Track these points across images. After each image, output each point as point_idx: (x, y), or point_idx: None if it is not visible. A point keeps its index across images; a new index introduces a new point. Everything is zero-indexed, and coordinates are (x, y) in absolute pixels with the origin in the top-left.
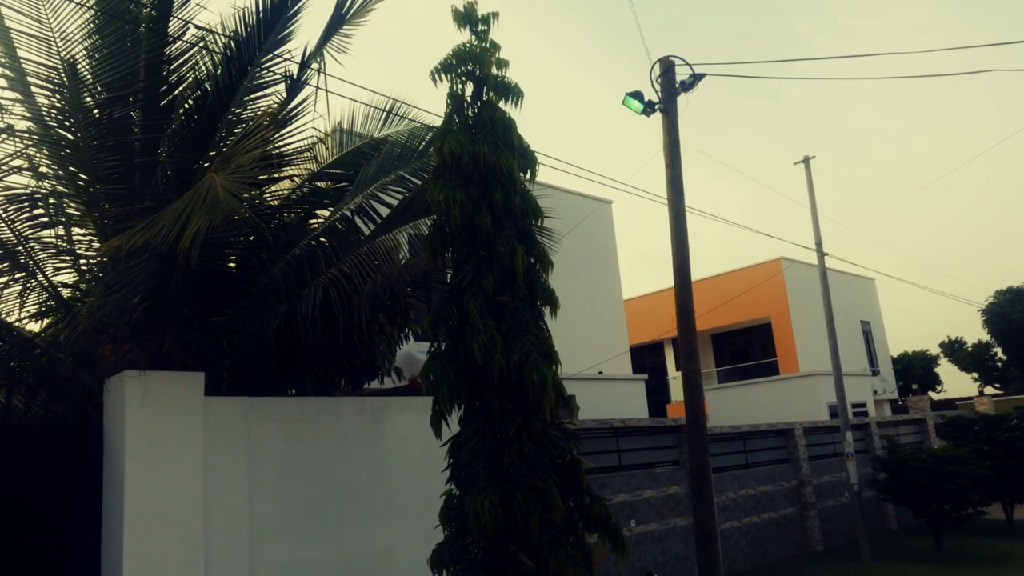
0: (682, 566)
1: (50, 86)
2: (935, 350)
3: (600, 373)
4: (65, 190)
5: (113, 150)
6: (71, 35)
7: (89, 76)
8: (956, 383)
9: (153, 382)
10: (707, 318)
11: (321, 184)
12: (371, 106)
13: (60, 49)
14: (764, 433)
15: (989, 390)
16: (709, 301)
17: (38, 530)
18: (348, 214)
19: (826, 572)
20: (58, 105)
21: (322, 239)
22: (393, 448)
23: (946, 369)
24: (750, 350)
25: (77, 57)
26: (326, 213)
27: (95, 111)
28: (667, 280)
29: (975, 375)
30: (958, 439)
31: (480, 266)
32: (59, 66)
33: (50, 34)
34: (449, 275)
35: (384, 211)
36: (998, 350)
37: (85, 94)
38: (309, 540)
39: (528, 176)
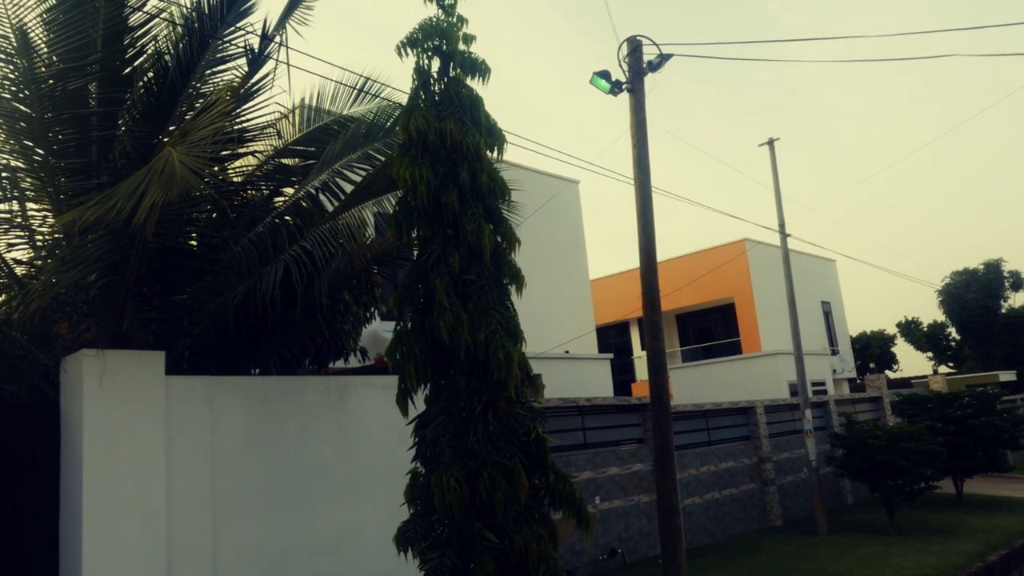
0: (645, 541)
1: (1, 55)
2: (892, 330)
3: (566, 352)
4: (18, 163)
5: (69, 123)
6: (24, 1)
7: (44, 46)
8: (912, 362)
9: (112, 361)
10: (672, 298)
11: (286, 161)
12: (339, 83)
13: (12, 16)
14: (726, 411)
15: (943, 369)
16: (674, 281)
17: None
18: (313, 191)
19: (784, 546)
20: (10, 75)
21: (286, 217)
22: (358, 427)
23: (902, 348)
24: (714, 330)
25: (30, 25)
26: (291, 190)
27: (50, 82)
28: (634, 259)
29: (930, 354)
30: (913, 416)
31: (446, 244)
32: (10, 34)
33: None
34: (415, 253)
35: (350, 188)
36: (952, 330)
37: (39, 64)
38: (273, 520)
39: (495, 154)
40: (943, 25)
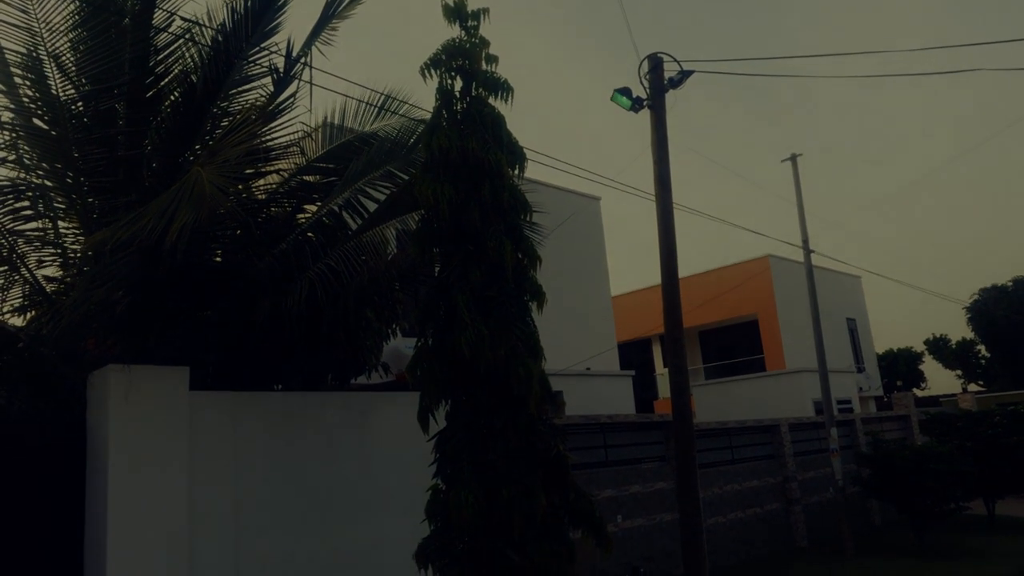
0: (668, 561)
1: (34, 77)
2: (920, 347)
3: (588, 369)
4: (49, 183)
5: (97, 143)
6: (56, 26)
7: (73, 68)
8: (940, 380)
9: (137, 376)
10: (694, 315)
11: (309, 178)
12: (361, 100)
13: (45, 40)
14: (750, 429)
15: (972, 387)
16: (697, 298)
17: (17, 525)
18: (336, 209)
19: (810, 567)
20: (42, 97)
21: (309, 234)
22: (380, 443)
23: (930, 366)
24: (737, 347)
25: (62, 49)
26: (314, 207)
27: (79, 103)
28: (656, 276)
29: (959, 372)
30: (941, 435)
31: (468, 261)
32: (44, 58)
33: (35, 25)
34: (437, 270)
35: (372, 206)
36: (982, 347)
37: (69, 86)
38: (295, 535)
39: (517, 172)
40: (969, 38)
